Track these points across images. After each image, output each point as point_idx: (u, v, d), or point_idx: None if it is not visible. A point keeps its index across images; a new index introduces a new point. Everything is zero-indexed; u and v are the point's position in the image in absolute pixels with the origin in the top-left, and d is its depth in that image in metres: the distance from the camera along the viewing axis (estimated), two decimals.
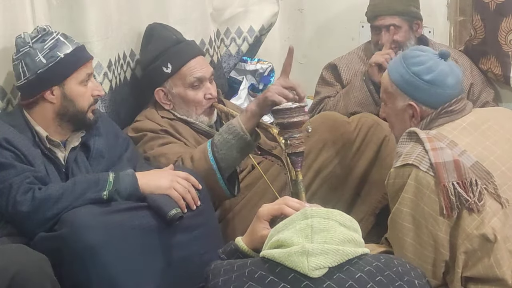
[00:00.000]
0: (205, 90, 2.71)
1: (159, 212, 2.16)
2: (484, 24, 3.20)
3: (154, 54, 2.73)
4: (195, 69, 2.69)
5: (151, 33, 2.80)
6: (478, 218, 1.94)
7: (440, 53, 2.12)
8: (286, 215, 1.70)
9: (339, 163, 2.65)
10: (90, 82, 2.32)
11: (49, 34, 2.27)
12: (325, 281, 1.48)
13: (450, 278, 2.02)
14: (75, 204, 2.10)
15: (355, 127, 2.67)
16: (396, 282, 1.52)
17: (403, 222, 2.01)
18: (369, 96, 3.00)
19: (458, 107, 2.10)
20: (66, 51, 2.25)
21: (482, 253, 1.96)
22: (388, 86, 2.17)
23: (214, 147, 2.38)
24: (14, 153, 2.17)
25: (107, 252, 2.04)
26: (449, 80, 2.09)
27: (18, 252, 1.91)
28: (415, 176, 1.97)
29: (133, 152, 2.51)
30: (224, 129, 2.41)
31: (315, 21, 3.95)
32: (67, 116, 2.29)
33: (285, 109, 2.21)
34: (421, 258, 2.00)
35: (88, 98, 2.31)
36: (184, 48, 2.75)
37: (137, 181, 2.21)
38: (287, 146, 2.22)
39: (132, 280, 2.09)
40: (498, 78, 3.21)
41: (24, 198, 2.09)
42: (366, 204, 2.70)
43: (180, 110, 2.72)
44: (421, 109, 2.12)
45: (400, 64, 2.13)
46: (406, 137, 2.08)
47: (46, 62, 2.23)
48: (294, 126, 2.22)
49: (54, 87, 2.25)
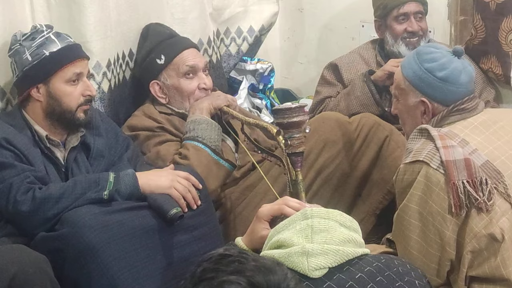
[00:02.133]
0: (199, 80, 2.71)
1: (160, 211, 2.16)
2: (485, 24, 3.20)
3: (148, 49, 2.76)
4: (187, 59, 2.71)
5: (147, 32, 2.83)
6: (487, 218, 1.93)
7: (454, 51, 2.11)
8: (286, 215, 1.69)
9: (340, 164, 2.64)
10: (81, 81, 2.30)
11: (40, 32, 2.27)
12: (325, 281, 1.47)
13: (454, 278, 2.01)
14: (75, 204, 2.10)
15: (356, 128, 2.67)
16: (396, 283, 1.51)
17: (410, 218, 2.01)
18: (370, 96, 3.00)
19: (470, 106, 2.09)
20: (52, 49, 2.25)
21: (488, 253, 1.95)
22: (400, 82, 2.17)
23: (198, 139, 2.51)
24: (14, 153, 2.16)
25: (107, 251, 2.04)
26: (462, 77, 2.08)
27: (18, 252, 1.90)
28: (425, 173, 1.96)
29: (134, 151, 2.51)
30: (191, 126, 2.57)
31: (315, 21, 3.94)
32: (55, 115, 2.28)
33: (285, 109, 2.21)
34: (426, 256, 2.00)
35: (77, 97, 2.29)
36: (177, 41, 2.78)
37: (137, 181, 2.21)
38: (287, 146, 2.22)
39: (132, 280, 2.08)
40: (498, 77, 3.21)
41: (24, 198, 2.09)
42: (367, 204, 2.70)
43: (176, 103, 2.73)
44: (433, 106, 2.11)
45: (413, 60, 2.12)
46: (417, 133, 2.08)
47: (31, 59, 2.24)
48: (294, 126, 2.22)
49: (39, 84, 2.26)
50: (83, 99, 2.30)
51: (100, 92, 2.67)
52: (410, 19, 3.12)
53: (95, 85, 2.64)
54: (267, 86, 3.57)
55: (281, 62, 4.09)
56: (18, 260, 1.85)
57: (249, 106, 3.49)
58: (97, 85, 2.65)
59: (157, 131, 2.63)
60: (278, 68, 3.93)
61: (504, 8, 3.10)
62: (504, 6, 3.10)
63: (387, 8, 3.16)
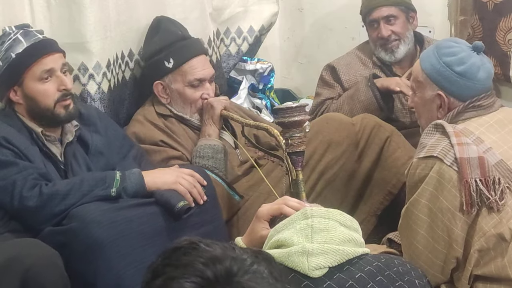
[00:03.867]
0: (204, 90, 2.72)
1: (167, 205, 2.18)
2: (482, 24, 3.20)
3: (157, 47, 2.74)
4: (196, 69, 2.70)
5: (158, 26, 2.80)
6: (497, 217, 1.93)
7: (474, 46, 2.10)
8: (286, 215, 1.69)
9: (343, 165, 2.64)
10: (54, 77, 2.27)
11: (7, 35, 2.26)
12: (325, 281, 1.47)
13: (458, 276, 2.01)
14: (83, 201, 2.11)
15: (359, 129, 2.67)
16: (396, 282, 1.51)
17: (419, 213, 2.00)
18: (375, 102, 2.98)
19: (486, 103, 2.08)
20: (18, 50, 2.23)
21: (496, 253, 1.95)
22: (418, 74, 2.16)
23: (215, 170, 2.51)
24: (14, 152, 2.17)
25: (115, 248, 2.06)
26: (479, 73, 2.07)
27: (33, 245, 1.94)
28: (438, 169, 1.96)
29: (138, 150, 2.53)
30: (210, 152, 2.57)
31: (315, 20, 3.94)
32: (37, 114, 2.28)
33: (286, 108, 2.21)
34: (431, 252, 2.00)
35: (52, 94, 2.27)
36: (188, 45, 2.76)
37: (143, 179, 2.23)
38: (287, 146, 2.22)
39: (138, 277, 2.08)
40: (498, 77, 3.21)
41: (31, 194, 2.09)
42: (368, 204, 2.69)
43: (176, 106, 2.74)
44: (449, 100, 2.10)
45: (432, 54, 2.11)
46: (432, 128, 2.07)
47: (1, 64, 2.24)
48: (294, 125, 2.22)
49: (15, 87, 2.26)
50: (59, 94, 2.28)
51: (100, 92, 2.67)
52: (380, 25, 3.10)
53: (95, 85, 2.65)
54: (267, 86, 3.57)
55: (281, 62, 4.09)
56: (33, 253, 1.88)
57: (249, 106, 3.49)
58: (97, 85, 2.66)
59: (161, 145, 2.64)
60: (278, 68, 3.93)
61: (502, 8, 3.11)
62: (502, 6, 3.11)
63: (362, 14, 3.19)
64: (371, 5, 3.12)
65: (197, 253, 1.14)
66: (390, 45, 3.11)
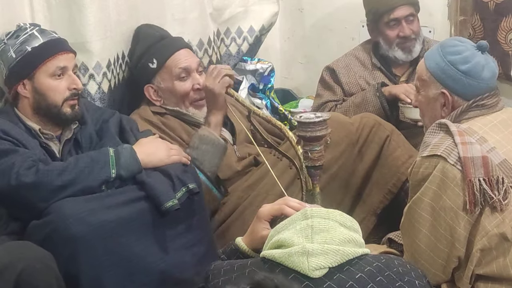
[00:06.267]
0: (193, 80, 2.72)
1: (156, 201, 2.15)
2: (483, 24, 3.20)
3: (139, 53, 2.76)
4: (179, 61, 2.71)
5: (138, 34, 2.82)
6: (500, 217, 1.93)
7: (479, 45, 2.10)
8: (286, 215, 1.70)
9: (343, 164, 2.63)
10: (66, 75, 2.29)
11: (23, 30, 2.29)
12: (325, 281, 1.48)
13: (459, 275, 2.01)
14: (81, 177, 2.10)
15: (358, 128, 2.66)
16: (396, 283, 1.51)
17: (422, 212, 2.00)
18: (383, 112, 2.96)
19: (490, 102, 2.09)
20: (34, 44, 2.26)
21: (498, 252, 1.95)
22: (423, 73, 2.16)
23: (196, 162, 2.46)
24: (13, 143, 2.17)
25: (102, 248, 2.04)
26: (484, 73, 2.07)
27: (25, 248, 1.92)
28: (441, 168, 1.96)
29: (129, 121, 2.52)
30: (197, 142, 2.53)
31: (315, 21, 3.94)
32: (42, 110, 2.29)
33: (309, 122, 2.18)
34: (433, 251, 2.00)
35: (62, 92, 2.28)
36: (167, 43, 2.77)
37: (135, 154, 2.21)
38: (307, 159, 2.22)
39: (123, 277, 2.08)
40: (499, 76, 3.20)
41: (27, 172, 2.08)
42: (368, 204, 2.69)
43: (171, 103, 2.74)
44: (453, 99, 2.10)
45: (437, 52, 2.12)
46: (436, 127, 2.07)
47: (15, 56, 2.26)
48: (316, 140, 2.21)
49: (24, 80, 2.27)
50: (68, 93, 2.29)
51: (100, 92, 2.67)
52: (402, 24, 3.10)
53: (95, 86, 2.65)
54: (267, 86, 3.57)
55: (281, 62, 4.09)
56: (25, 256, 1.86)
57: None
58: (97, 85, 2.65)
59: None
60: (278, 68, 3.93)
61: (504, 8, 3.11)
62: (503, 6, 3.11)
63: (377, 13, 3.15)
64: (391, 4, 3.10)
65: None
66: (409, 43, 3.11)
